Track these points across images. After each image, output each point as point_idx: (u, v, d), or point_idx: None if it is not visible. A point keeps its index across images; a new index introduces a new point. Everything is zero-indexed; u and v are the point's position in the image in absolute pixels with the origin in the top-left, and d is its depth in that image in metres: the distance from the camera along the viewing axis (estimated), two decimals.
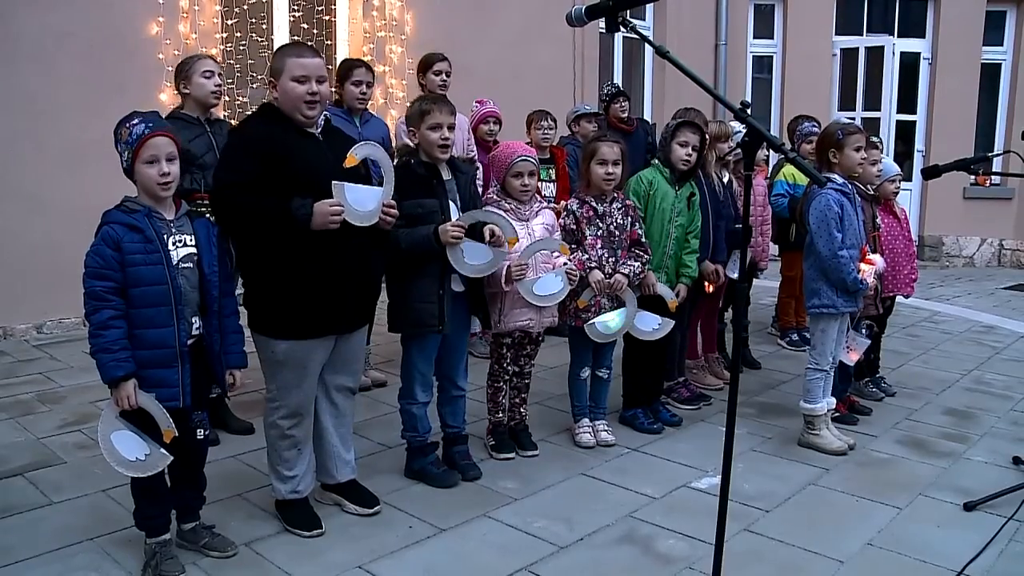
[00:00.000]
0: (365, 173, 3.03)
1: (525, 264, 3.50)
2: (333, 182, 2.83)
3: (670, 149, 4.10)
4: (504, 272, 3.46)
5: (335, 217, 2.80)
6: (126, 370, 2.54)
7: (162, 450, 2.63)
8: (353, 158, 2.91)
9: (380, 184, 3.02)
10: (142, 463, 2.62)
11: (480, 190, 4.07)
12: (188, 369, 2.66)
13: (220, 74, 3.97)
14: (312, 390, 3.05)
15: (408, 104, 3.58)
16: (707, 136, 4.29)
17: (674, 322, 4.12)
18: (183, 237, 2.68)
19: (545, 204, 3.85)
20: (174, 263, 2.63)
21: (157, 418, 2.58)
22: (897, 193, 4.75)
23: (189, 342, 2.68)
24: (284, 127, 2.89)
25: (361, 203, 2.90)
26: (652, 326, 4.06)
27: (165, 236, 2.63)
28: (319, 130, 2.98)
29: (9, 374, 4.84)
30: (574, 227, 3.85)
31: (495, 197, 3.66)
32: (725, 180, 4.71)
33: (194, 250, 2.69)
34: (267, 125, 2.90)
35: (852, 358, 4.23)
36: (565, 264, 3.64)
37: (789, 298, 5.96)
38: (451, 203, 3.39)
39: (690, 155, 4.09)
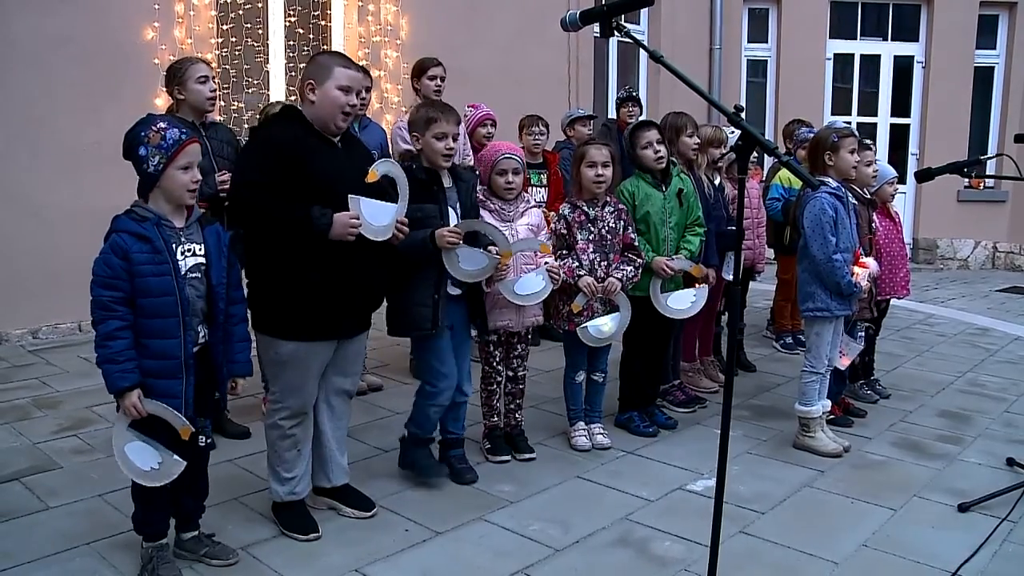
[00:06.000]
0: (380, 188, 3.04)
1: (506, 264, 3.50)
2: (349, 196, 2.85)
3: (640, 157, 4.10)
4: None
5: (353, 230, 2.83)
6: (131, 381, 2.52)
7: (175, 456, 2.62)
8: (374, 174, 2.94)
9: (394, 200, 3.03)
10: (156, 472, 2.61)
11: None
12: (192, 380, 2.64)
13: (214, 78, 3.94)
14: (314, 391, 3.07)
15: (405, 108, 3.59)
16: (667, 128, 4.30)
17: (707, 287, 4.16)
18: (192, 246, 2.64)
19: (533, 204, 3.85)
20: (182, 273, 2.59)
21: (170, 420, 2.57)
22: (895, 196, 4.78)
23: (195, 350, 2.65)
24: (305, 130, 2.91)
25: (376, 218, 2.92)
26: (688, 302, 4.08)
27: (174, 245, 2.59)
28: (338, 137, 3.00)
29: (5, 379, 4.83)
30: (565, 232, 3.86)
31: (482, 197, 3.67)
32: (716, 183, 4.73)
33: (203, 259, 2.66)
34: (289, 128, 2.92)
35: (843, 362, 4.25)
36: (547, 263, 3.65)
37: (785, 301, 5.97)
38: (451, 209, 3.40)
39: (658, 152, 4.07)
